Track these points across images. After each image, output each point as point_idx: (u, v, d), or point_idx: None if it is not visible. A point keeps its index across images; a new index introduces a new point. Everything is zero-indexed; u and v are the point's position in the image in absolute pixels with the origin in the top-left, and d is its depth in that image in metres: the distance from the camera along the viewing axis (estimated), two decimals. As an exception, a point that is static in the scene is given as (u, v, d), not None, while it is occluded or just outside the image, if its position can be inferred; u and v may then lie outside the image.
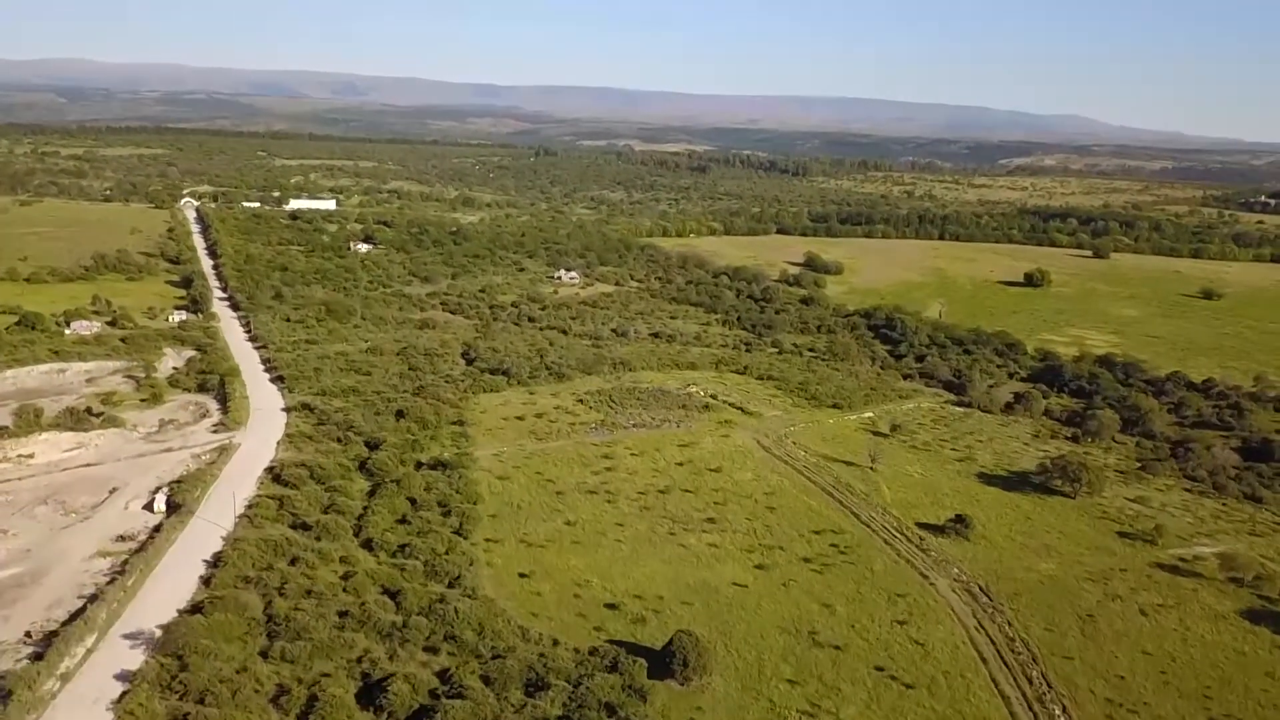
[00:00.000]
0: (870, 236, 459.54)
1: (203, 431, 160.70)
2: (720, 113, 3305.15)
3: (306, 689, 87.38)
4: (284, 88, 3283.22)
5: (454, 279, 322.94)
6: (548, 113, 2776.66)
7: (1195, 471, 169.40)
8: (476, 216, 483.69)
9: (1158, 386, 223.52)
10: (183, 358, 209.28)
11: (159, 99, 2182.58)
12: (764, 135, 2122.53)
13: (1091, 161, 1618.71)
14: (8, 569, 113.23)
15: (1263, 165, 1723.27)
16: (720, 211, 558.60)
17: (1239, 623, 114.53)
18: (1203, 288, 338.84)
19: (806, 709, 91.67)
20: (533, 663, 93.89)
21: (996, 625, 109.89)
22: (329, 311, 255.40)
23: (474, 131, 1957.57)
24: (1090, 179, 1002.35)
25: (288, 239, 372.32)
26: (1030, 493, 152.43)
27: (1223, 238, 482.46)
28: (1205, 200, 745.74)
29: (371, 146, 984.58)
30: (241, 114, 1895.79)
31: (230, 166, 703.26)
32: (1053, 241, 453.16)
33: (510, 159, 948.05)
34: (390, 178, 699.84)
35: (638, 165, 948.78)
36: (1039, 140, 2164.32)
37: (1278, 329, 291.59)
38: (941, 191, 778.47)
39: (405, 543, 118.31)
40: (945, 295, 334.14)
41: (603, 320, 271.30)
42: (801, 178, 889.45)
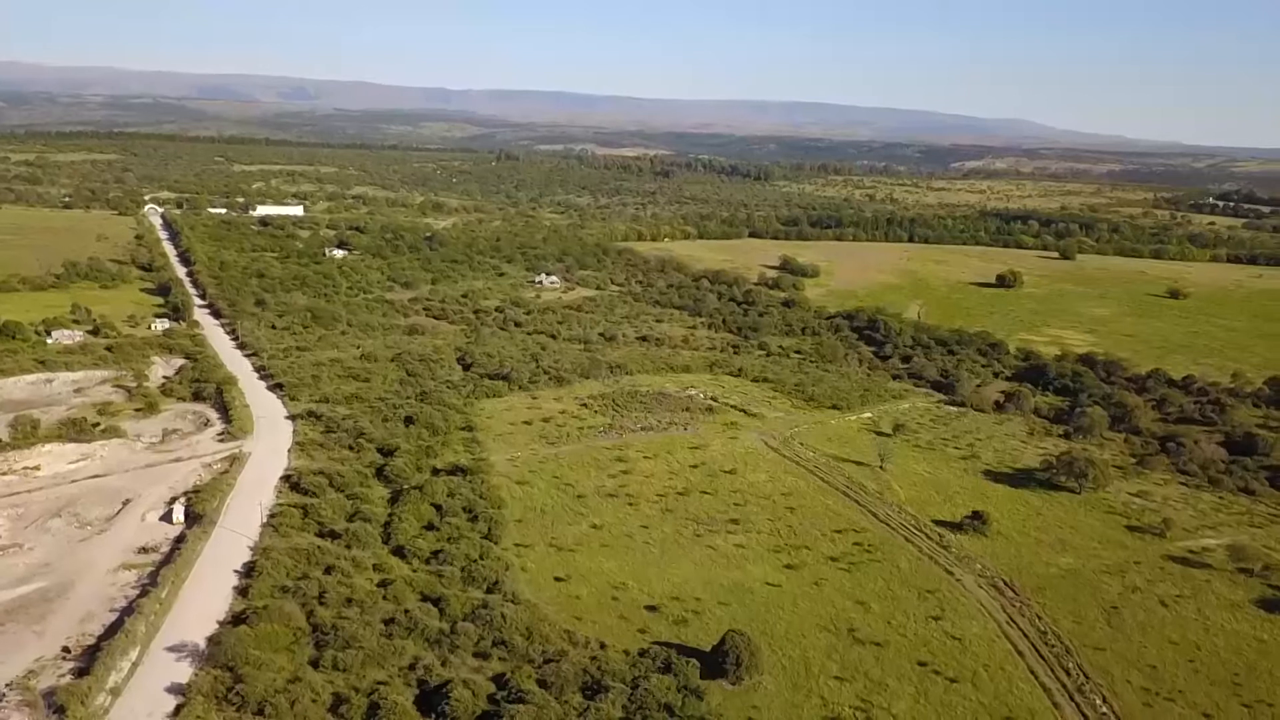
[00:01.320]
0: (841, 239, 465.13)
1: (209, 440, 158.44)
2: (674, 117, 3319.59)
3: (365, 697, 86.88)
4: (232, 91, 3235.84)
5: (434, 284, 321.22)
6: (501, 117, 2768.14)
7: (1186, 466, 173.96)
8: (449, 221, 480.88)
9: (1139, 384, 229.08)
10: (172, 366, 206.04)
11: (103, 103, 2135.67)
12: (719, 139, 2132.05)
13: (1041, 164, 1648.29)
14: (30, 583, 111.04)
15: (1203, 168, 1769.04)
16: (691, 215, 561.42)
17: (1254, 611, 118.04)
18: (1169, 287, 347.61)
19: (858, 705, 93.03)
20: (586, 666, 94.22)
21: (1026, 619, 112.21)
22: (314, 318, 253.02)
23: (428, 136, 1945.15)
24: (1044, 182, 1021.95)
25: (261, 245, 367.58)
26: (1036, 489, 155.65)
27: (1179, 239, 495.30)
28: (1157, 202, 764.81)
29: (330, 152, 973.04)
30: (189, 118, 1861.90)
31: (188, 172, 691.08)
32: (1018, 243, 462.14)
33: (471, 164, 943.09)
34: (353, 183, 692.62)
35: (601, 169, 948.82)
36: (988, 144, 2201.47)
37: (1243, 327, 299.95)
38: (902, 195, 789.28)
39: (438, 549, 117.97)
40: (920, 297, 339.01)
41: (589, 324, 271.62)
42: (763, 182, 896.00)
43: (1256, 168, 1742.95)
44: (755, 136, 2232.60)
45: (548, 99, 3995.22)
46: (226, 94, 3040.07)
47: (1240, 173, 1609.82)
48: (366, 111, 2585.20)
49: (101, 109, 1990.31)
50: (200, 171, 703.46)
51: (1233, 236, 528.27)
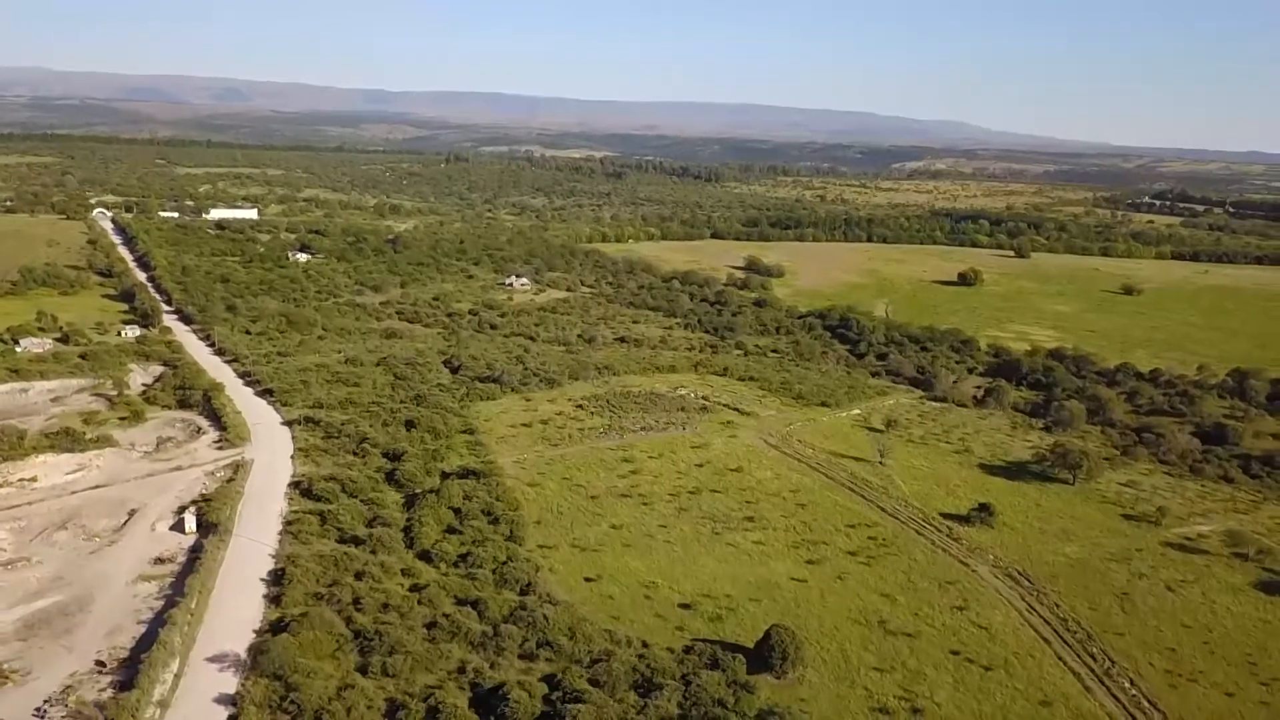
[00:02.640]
0: (801, 240, 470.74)
1: (206, 448, 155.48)
2: (617, 118, 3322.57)
3: (421, 702, 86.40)
4: (162, 93, 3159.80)
5: (403, 287, 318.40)
6: (442, 119, 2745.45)
7: (1166, 456, 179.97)
8: (409, 224, 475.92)
9: (1109, 377, 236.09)
10: (150, 374, 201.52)
11: (27, 104, 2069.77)
12: (664, 141, 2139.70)
13: (980, 165, 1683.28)
14: (47, 597, 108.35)
15: (1133, 168, 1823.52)
16: (651, 217, 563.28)
17: (1255, 594, 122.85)
18: (1123, 284, 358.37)
19: (902, 695, 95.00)
20: (634, 664, 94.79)
21: (1045, 607, 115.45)
22: (290, 323, 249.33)
23: (369, 138, 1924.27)
24: (988, 182, 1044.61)
25: (220, 249, 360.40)
26: (1031, 481, 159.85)
27: (1125, 237, 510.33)
28: (1097, 202, 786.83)
29: (275, 154, 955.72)
30: (119, 120, 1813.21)
31: (130, 175, 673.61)
32: (974, 242, 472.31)
33: (420, 166, 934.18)
34: (303, 186, 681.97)
35: (553, 171, 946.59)
36: (927, 145, 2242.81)
37: (1198, 322, 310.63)
38: (852, 195, 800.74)
39: (464, 553, 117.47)
40: (886, 295, 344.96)
41: (566, 326, 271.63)
42: (715, 183, 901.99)
43: (1182, 167, 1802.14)
44: (699, 138, 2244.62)
45: (487, 100, 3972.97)
46: (157, 95, 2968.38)
47: (1168, 172, 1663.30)
48: (305, 113, 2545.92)
49: (26, 110, 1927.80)
50: (143, 174, 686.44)
51: (1174, 234, 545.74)
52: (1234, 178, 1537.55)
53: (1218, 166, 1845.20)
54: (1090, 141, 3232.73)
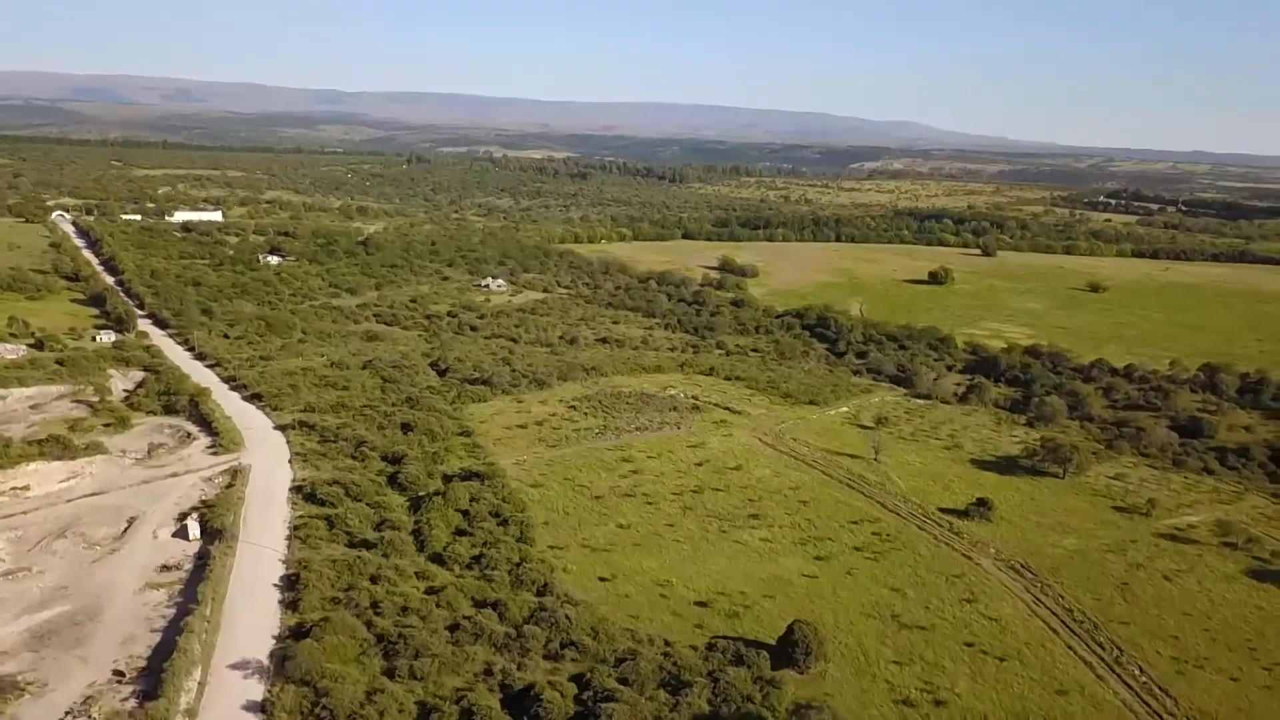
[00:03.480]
0: (772, 240, 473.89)
1: (199, 454, 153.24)
2: (575, 119, 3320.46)
3: (454, 704, 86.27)
4: (111, 93, 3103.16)
5: (378, 290, 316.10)
6: (398, 119, 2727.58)
7: (1147, 449, 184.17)
8: (378, 226, 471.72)
9: (1084, 373, 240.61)
10: (131, 380, 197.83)
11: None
12: (623, 141, 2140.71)
13: (936, 165, 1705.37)
14: (52, 608, 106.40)
15: (1084, 167, 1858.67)
16: (620, 217, 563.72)
17: (1247, 582, 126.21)
18: (1088, 282, 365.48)
19: (923, 687, 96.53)
20: (660, 662, 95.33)
21: (1050, 598, 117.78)
22: (268, 327, 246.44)
23: (326, 139, 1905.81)
24: (947, 182, 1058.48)
25: (189, 252, 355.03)
26: (1023, 475, 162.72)
27: (1086, 235, 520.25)
28: (1054, 201, 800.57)
29: (233, 155, 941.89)
30: (66, 120, 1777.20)
31: (86, 177, 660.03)
32: (941, 241, 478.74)
33: (382, 167, 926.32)
34: (264, 187, 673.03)
35: (517, 172, 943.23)
36: (883, 145, 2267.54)
37: (1163, 318, 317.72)
38: (815, 195, 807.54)
39: (477, 555, 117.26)
40: (859, 294, 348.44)
41: (546, 327, 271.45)
42: (679, 184, 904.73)
43: (1132, 167, 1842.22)
44: (658, 138, 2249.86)
45: (444, 101, 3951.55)
46: (104, 96, 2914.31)
47: (1119, 172, 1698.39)
48: (258, 114, 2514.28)
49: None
50: (99, 176, 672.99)
51: (1132, 233, 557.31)
52: (1181, 177, 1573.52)
53: (1166, 166, 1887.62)
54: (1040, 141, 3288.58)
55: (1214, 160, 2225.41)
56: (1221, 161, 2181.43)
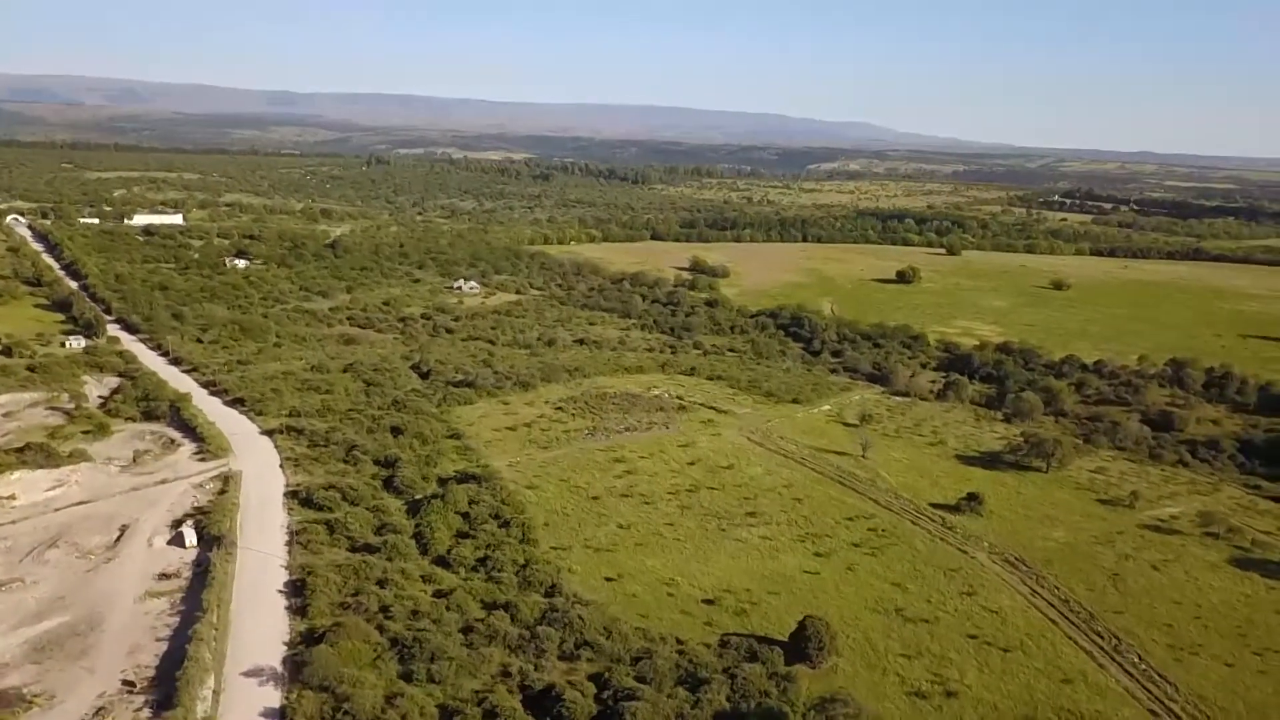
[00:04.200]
0: (739, 240, 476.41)
1: (186, 461, 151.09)
2: (532, 120, 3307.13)
3: (476, 706, 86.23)
4: (54, 93, 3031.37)
5: (350, 293, 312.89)
6: (352, 120, 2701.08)
7: (1122, 443, 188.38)
8: (345, 228, 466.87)
9: (1056, 369, 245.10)
10: (106, 386, 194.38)
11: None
12: (581, 143, 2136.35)
13: (891, 166, 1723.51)
14: (51, 618, 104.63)
15: (1036, 168, 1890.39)
16: (587, 219, 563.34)
17: (1231, 570, 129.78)
18: (1052, 280, 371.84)
19: (933, 679, 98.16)
20: (676, 660, 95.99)
21: (1046, 590, 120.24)
22: (243, 331, 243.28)
23: (279, 140, 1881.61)
24: (905, 182, 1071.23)
25: (153, 256, 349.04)
26: (1007, 470, 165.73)
27: (1044, 234, 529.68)
28: (1011, 200, 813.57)
29: (188, 158, 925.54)
30: (9, 121, 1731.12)
31: (38, 180, 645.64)
32: (905, 241, 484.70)
33: (341, 168, 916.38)
34: (223, 190, 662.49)
35: (479, 173, 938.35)
36: (839, 147, 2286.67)
37: (1126, 314, 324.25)
38: (777, 196, 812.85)
39: (482, 557, 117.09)
40: (829, 294, 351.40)
41: (523, 329, 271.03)
42: (642, 185, 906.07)
43: (1082, 167, 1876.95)
44: (617, 139, 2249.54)
45: (397, 102, 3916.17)
46: (48, 96, 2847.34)
47: (1069, 172, 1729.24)
48: (209, 115, 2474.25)
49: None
50: (51, 179, 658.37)
51: (1088, 231, 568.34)
52: (1130, 177, 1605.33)
53: (1114, 166, 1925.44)
54: (993, 143, 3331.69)
55: (1160, 160, 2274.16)
56: (1167, 162, 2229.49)
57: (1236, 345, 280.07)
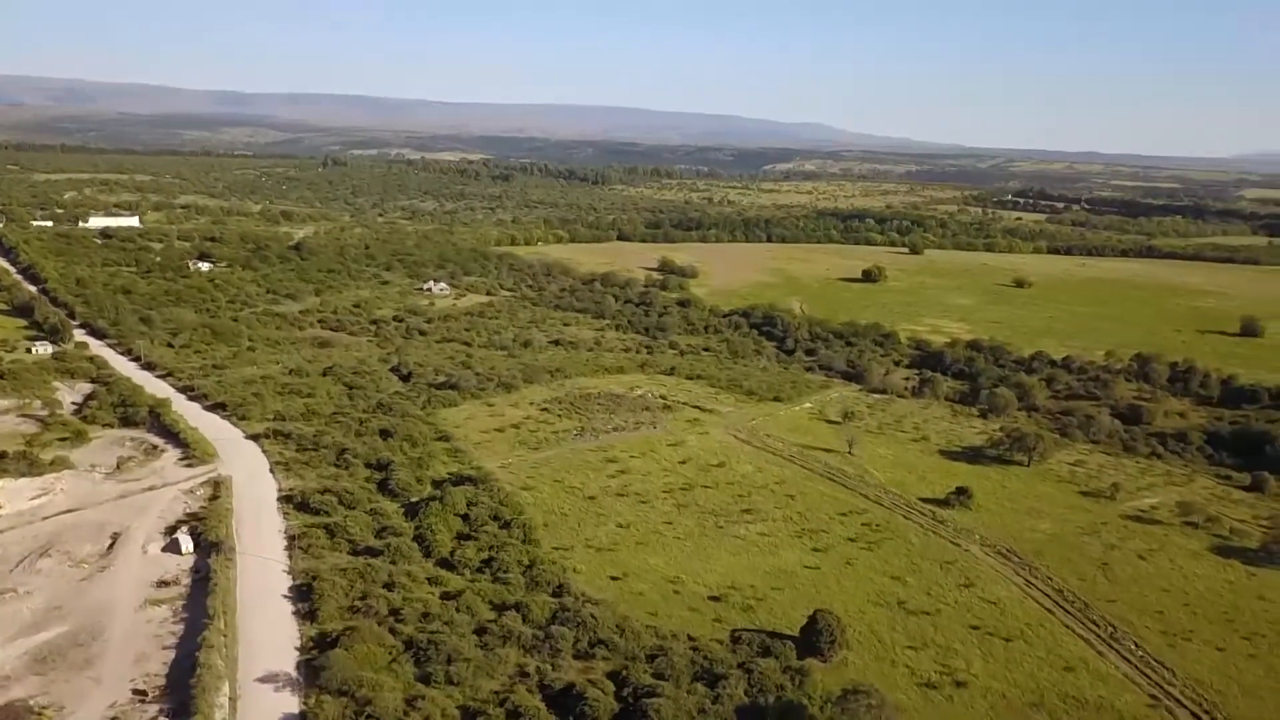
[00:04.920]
0: (705, 241, 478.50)
1: (172, 467, 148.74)
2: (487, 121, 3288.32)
3: (499, 707, 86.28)
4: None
5: (318, 295, 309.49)
6: (304, 121, 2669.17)
7: (1096, 436, 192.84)
8: (307, 230, 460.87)
9: (1026, 365, 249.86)
10: (79, 392, 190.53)
11: None
12: (536, 143, 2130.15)
13: (845, 166, 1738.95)
14: (49, 629, 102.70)
15: (987, 168, 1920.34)
16: (553, 219, 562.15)
17: (1213, 558, 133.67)
18: (1014, 278, 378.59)
19: (941, 669, 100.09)
20: (691, 656, 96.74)
21: (1040, 580, 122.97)
22: (214, 335, 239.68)
23: (230, 141, 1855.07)
24: (863, 182, 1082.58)
25: (112, 260, 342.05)
26: (990, 464, 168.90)
27: (1002, 233, 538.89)
28: (966, 200, 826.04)
29: (139, 159, 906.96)
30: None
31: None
32: (868, 240, 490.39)
33: (297, 170, 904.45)
34: (177, 192, 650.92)
35: (438, 174, 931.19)
36: (794, 147, 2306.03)
37: (1087, 311, 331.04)
38: (736, 197, 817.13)
39: (487, 558, 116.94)
40: (797, 293, 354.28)
41: (498, 330, 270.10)
42: (602, 186, 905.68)
43: (1031, 167, 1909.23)
44: (572, 140, 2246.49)
45: (349, 103, 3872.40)
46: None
47: (1019, 172, 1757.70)
48: (156, 115, 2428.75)
49: None
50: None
51: (1044, 230, 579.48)
52: (1078, 176, 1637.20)
53: (1062, 166, 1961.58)
54: (943, 143, 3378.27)
55: (1106, 160, 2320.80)
56: (1113, 161, 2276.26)
57: (1195, 340, 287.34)
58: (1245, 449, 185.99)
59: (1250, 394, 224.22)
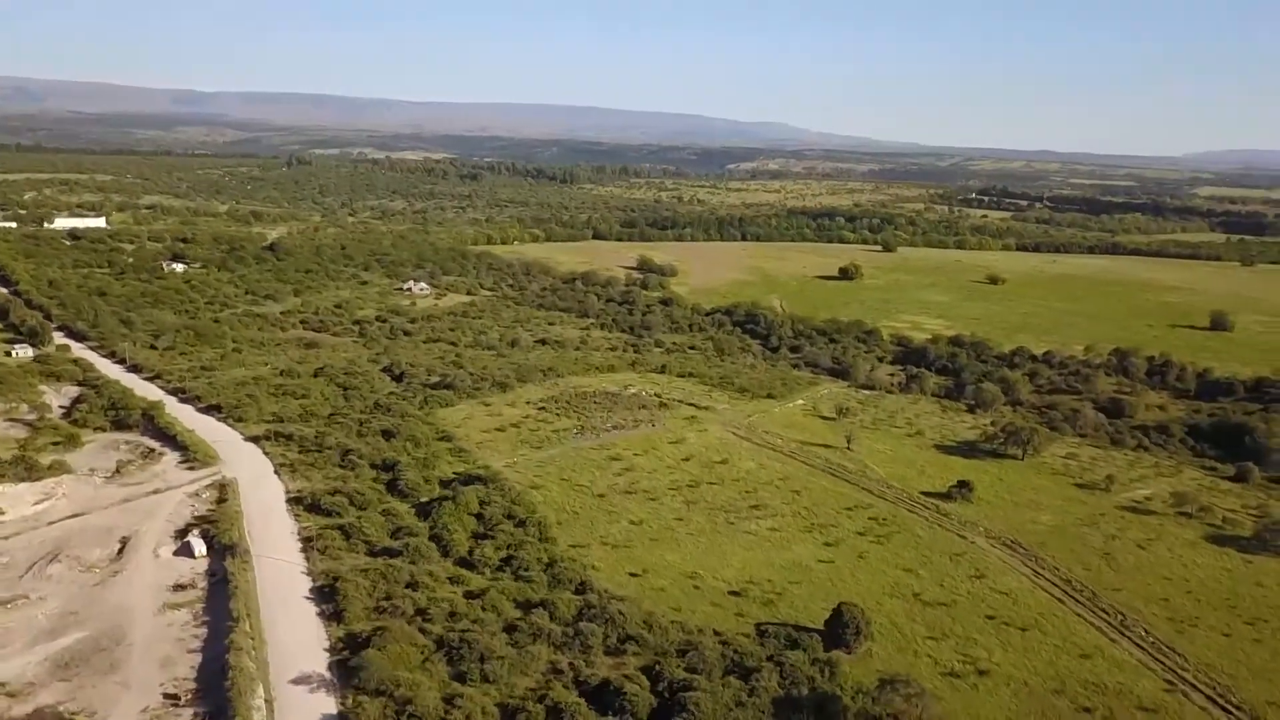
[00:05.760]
0: (681, 240, 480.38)
1: (174, 470, 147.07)
2: (449, 120, 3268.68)
3: (538, 703, 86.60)
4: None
5: (298, 296, 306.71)
6: (263, 120, 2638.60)
7: (1083, 430, 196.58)
8: (280, 230, 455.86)
9: (1008, 361, 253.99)
10: (66, 396, 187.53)
11: None
12: (500, 143, 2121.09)
13: (809, 165, 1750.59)
14: (68, 634, 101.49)
15: (947, 166, 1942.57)
16: (527, 219, 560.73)
17: (1209, 547, 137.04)
18: (987, 274, 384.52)
19: (963, 659, 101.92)
20: (721, 650, 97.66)
21: (1047, 570, 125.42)
22: (198, 336, 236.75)
23: (187, 141, 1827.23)
24: (829, 181, 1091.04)
25: (84, 261, 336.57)
26: (986, 458, 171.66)
27: (970, 230, 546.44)
28: (932, 198, 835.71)
29: (99, 159, 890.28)
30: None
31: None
32: (841, 239, 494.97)
33: (260, 169, 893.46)
34: (140, 192, 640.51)
35: (405, 174, 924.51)
36: (756, 146, 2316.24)
37: (1061, 307, 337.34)
38: (705, 196, 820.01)
39: (507, 557, 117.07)
40: (775, 291, 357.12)
41: (483, 330, 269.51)
42: (571, 185, 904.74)
43: (990, 165, 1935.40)
44: (536, 139, 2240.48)
45: (308, 102, 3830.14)
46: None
47: (979, 170, 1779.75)
48: (110, 114, 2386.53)
49: None
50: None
51: (1010, 228, 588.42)
52: (1037, 175, 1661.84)
53: (1020, 165, 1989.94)
54: (903, 142, 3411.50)
55: (1061, 159, 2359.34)
56: (1069, 160, 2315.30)
57: (1168, 335, 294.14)
58: (1225, 440, 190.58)
59: (1226, 387, 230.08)
